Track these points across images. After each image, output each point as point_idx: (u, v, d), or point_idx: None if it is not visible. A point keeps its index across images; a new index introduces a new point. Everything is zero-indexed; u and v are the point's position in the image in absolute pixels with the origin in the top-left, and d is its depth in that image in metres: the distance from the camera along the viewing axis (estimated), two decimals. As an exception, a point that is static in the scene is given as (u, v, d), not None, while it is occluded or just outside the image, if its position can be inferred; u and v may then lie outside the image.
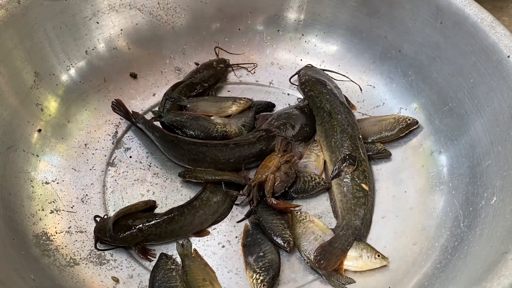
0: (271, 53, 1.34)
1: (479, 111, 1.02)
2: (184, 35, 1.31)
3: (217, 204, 1.04)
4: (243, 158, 1.09)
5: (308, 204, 1.07)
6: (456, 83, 1.09)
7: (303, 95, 1.24)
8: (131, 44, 1.26)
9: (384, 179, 1.11)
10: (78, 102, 1.18)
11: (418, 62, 1.17)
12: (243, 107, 1.20)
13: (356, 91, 1.26)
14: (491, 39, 1.01)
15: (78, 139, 1.15)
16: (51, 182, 1.06)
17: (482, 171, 0.97)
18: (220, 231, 1.03)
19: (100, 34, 1.22)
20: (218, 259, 0.99)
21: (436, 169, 1.08)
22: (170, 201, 1.07)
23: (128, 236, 0.97)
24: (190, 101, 1.20)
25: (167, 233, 0.99)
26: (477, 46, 1.04)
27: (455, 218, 0.97)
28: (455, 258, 0.89)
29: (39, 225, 0.99)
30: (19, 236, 0.93)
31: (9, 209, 0.96)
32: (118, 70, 1.25)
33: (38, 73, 1.11)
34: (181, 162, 1.10)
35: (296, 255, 0.99)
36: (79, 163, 1.11)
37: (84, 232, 1.01)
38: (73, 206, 1.05)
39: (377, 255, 0.96)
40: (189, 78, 1.25)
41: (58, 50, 1.15)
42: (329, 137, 1.12)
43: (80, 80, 1.19)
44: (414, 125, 1.14)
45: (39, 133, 1.09)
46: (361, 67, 1.28)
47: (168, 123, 1.12)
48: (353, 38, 1.28)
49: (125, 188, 1.09)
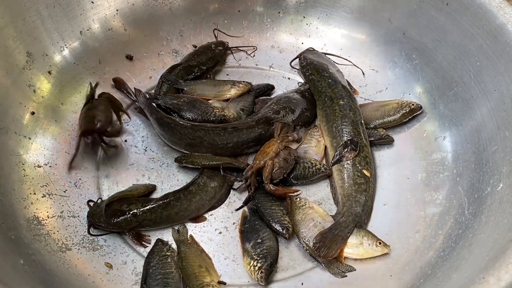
0: (271, 36, 1.30)
1: (486, 95, 0.99)
2: (181, 16, 1.27)
3: (214, 189, 1.01)
4: (241, 142, 1.05)
5: (308, 190, 1.04)
6: (462, 66, 1.05)
7: (304, 79, 1.21)
8: (127, 25, 1.23)
9: (386, 165, 1.08)
10: (72, 84, 1.15)
11: (423, 45, 1.14)
12: (242, 91, 1.16)
13: (359, 76, 1.23)
14: (499, 20, 0.97)
15: (71, 121, 1.11)
16: (43, 166, 1.03)
17: (488, 157, 0.94)
18: (217, 217, 1.00)
19: (95, 14, 1.18)
20: (215, 245, 0.96)
21: (440, 155, 1.05)
22: (166, 186, 1.04)
23: (122, 221, 0.94)
24: (187, 84, 1.17)
25: (163, 218, 0.96)
26: (485, 28, 1.00)
27: (460, 205, 0.94)
28: (459, 246, 0.86)
29: (31, 209, 0.95)
30: (9, 220, 0.90)
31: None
32: (114, 51, 1.21)
33: (30, 53, 1.08)
34: (177, 146, 1.07)
35: (295, 242, 0.97)
36: (73, 146, 1.07)
37: (77, 217, 0.98)
38: (66, 190, 1.02)
39: (378, 242, 0.93)
40: (187, 60, 1.22)
41: (52, 30, 1.12)
42: (330, 122, 1.09)
43: (74, 62, 1.16)
44: (418, 110, 1.11)
45: (32, 115, 1.06)
46: (364, 50, 1.24)
47: (164, 106, 1.09)
48: (356, 21, 1.24)
49: (119, 173, 1.06)
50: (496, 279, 0.68)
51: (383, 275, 0.90)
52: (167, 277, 0.89)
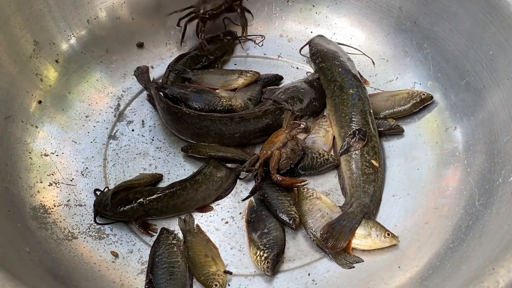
0: (280, 24, 1.28)
1: (498, 85, 0.97)
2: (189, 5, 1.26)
3: (220, 179, 1.00)
4: (249, 132, 1.04)
5: (315, 181, 1.03)
6: (474, 56, 1.03)
7: (314, 66, 1.19)
8: (135, 14, 1.22)
9: (396, 156, 1.06)
10: (80, 73, 1.14)
11: (434, 34, 1.11)
12: (250, 80, 1.15)
13: (369, 65, 1.21)
14: (513, 7, 0.95)
15: (79, 110, 1.11)
16: (50, 154, 1.03)
17: (500, 147, 0.92)
18: (223, 207, 1.00)
19: (103, 2, 1.17)
20: (221, 235, 0.96)
21: (450, 146, 1.03)
22: (173, 175, 1.04)
23: (129, 210, 0.94)
24: (194, 73, 1.16)
25: (169, 208, 0.96)
26: (498, 16, 0.98)
27: (470, 196, 0.92)
28: (469, 238, 0.84)
29: (37, 197, 0.95)
30: (15, 208, 0.90)
31: (6, 180, 0.93)
32: (121, 41, 1.20)
33: (37, 42, 1.08)
34: (184, 136, 1.06)
35: (302, 232, 0.96)
36: (80, 136, 1.08)
37: (84, 206, 0.98)
38: (73, 179, 1.01)
39: (386, 233, 0.91)
40: (194, 49, 1.21)
41: (59, 18, 1.11)
42: (339, 112, 1.07)
43: (81, 51, 1.15)
44: (428, 100, 1.09)
45: (39, 104, 1.06)
46: (374, 39, 1.22)
47: (171, 95, 1.08)
48: (367, 9, 1.22)
49: (126, 162, 1.05)
50: (507, 270, 0.67)
51: (391, 266, 0.89)
52: (173, 266, 0.88)
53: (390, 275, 0.87)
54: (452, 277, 0.77)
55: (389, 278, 0.87)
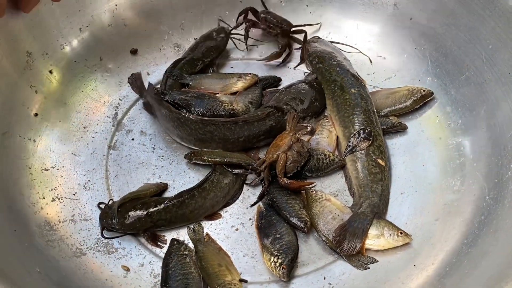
0: (274, 25, 1.27)
1: (500, 79, 0.98)
2: (182, 9, 1.24)
3: (227, 185, 0.99)
4: (252, 136, 1.03)
5: (322, 182, 1.02)
6: (473, 50, 1.04)
7: (311, 68, 1.18)
8: (127, 20, 1.19)
9: (400, 153, 1.06)
10: (74, 83, 1.11)
11: (432, 30, 1.12)
12: (249, 83, 1.13)
13: (366, 63, 1.21)
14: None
15: (76, 122, 1.08)
16: (50, 169, 1.00)
17: (506, 141, 0.93)
18: (232, 213, 0.98)
19: (94, 10, 1.15)
20: (232, 242, 0.94)
21: (454, 141, 1.03)
22: (178, 184, 1.02)
23: (136, 222, 0.92)
24: (192, 78, 1.14)
25: (178, 217, 0.94)
26: (497, 10, 0.99)
27: (479, 191, 0.93)
28: (484, 233, 0.85)
29: (41, 214, 0.93)
30: (21, 227, 0.87)
31: (8, 199, 0.90)
32: (115, 48, 1.18)
33: (30, 53, 1.04)
34: (187, 142, 1.05)
35: (313, 235, 0.95)
36: (79, 147, 1.05)
37: (89, 220, 0.95)
38: (76, 193, 0.99)
39: (399, 232, 0.91)
40: (189, 53, 1.19)
41: (51, 27, 1.08)
42: (342, 112, 1.07)
43: (75, 60, 1.12)
44: (429, 96, 1.09)
45: (35, 117, 1.02)
46: (370, 37, 1.22)
47: (172, 101, 1.06)
48: (361, 7, 1.22)
49: (129, 172, 1.03)
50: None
51: (406, 265, 0.88)
52: (187, 278, 0.86)
53: (407, 274, 0.87)
54: (472, 274, 0.77)
55: (405, 277, 0.87)
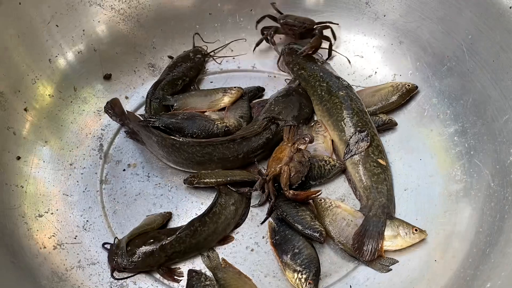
0: (247, 35, 1.25)
1: (484, 67, 1.00)
2: (151, 27, 1.19)
3: (235, 205, 0.96)
4: (251, 151, 1.01)
5: (327, 189, 1.02)
6: (452, 41, 1.06)
7: (293, 75, 1.17)
8: (96, 45, 1.13)
9: (395, 150, 1.07)
10: (52, 118, 1.05)
11: (407, 24, 1.14)
12: (236, 97, 1.11)
13: (344, 64, 1.21)
14: (488, -8, 0.99)
15: (61, 159, 1.01)
16: (44, 214, 0.93)
17: (501, 127, 0.95)
18: (244, 234, 0.95)
19: (62, 38, 1.08)
20: (251, 264, 0.91)
21: (446, 132, 1.05)
22: (181, 211, 0.98)
23: (150, 258, 0.87)
24: (176, 99, 1.10)
25: (192, 247, 0.90)
26: (472, 1, 1.01)
27: (482, 178, 0.95)
28: (498, 219, 0.87)
29: (46, 265, 0.86)
30: (29, 282, 0.80)
31: (9, 254, 0.82)
32: (88, 75, 1.12)
33: (2, 93, 0.96)
34: (184, 167, 1.01)
35: (329, 245, 0.94)
36: (69, 187, 0.98)
37: (97, 263, 0.89)
38: (76, 236, 0.92)
39: (414, 230, 0.92)
40: (168, 73, 1.14)
41: (20, 62, 1.00)
42: (334, 116, 1.06)
43: (49, 94, 1.05)
44: (414, 90, 1.11)
45: (18, 160, 0.95)
46: (345, 37, 1.22)
47: (163, 126, 1.01)
48: (332, 8, 1.22)
49: (127, 206, 0.98)
50: None
51: (428, 262, 0.89)
52: (216, 309, 0.83)
53: (430, 271, 0.88)
54: (500, 264, 0.78)
55: (430, 273, 0.87)
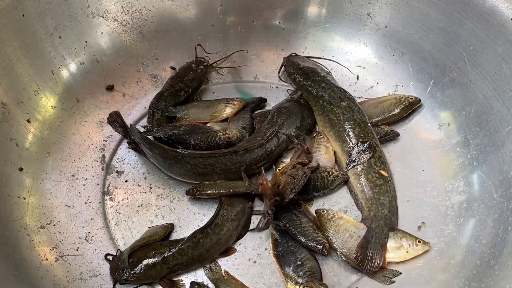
0: (249, 46, 1.25)
1: (486, 78, 1.01)
2: (154, 39, 1.20)
3: (237, 216, 0.96)
4: (254, 162, 1.00)
5: (329, 200, 1.02)
6: (454, 52, 1.07)
7: (295, 86, 1.17)
8: (99, 56, 1.13)
9: (397, 160, 1.07)
10: (54, 129, 1.05)
11: (409, 36, 1.14)
12: (238, 108, 1.11)
13: (346, 74, 1.21)
14: (488, 3, 0.99)
15: (63, 171, 1.01)
16: (46, 226, 0.93)
17: (504, 138, 0.95)
18: (247, 246, 0.95)
19: (65, 49, 1.08)
20: (253, 276, 0.91)
21: (449, 143, 1.05)
22: (183, 222, 0.97)
23: (152, 270, 0.87)
24: (178, 109, 1.10)
25: (194, 259, 0.89)
26: (473, 13, 1.02)
27: (485, 189, 0.95)
28: (502, 231, 0.86)
29: (48, 278, 0.85)
30: (31, 296, 0.80)
31: (11, 267, 0.82)
32: (90, 87, 1.12)
33: (5, 104, 0.96)
34: (186, 178, 1.00)
35: (332, 257, 0.93)
36: (72, 198, 0.98)
37: (99, 276, 0.89)
38: (78, 248, 0.92)
39: (417, 241, 0.92)
40: (170, 84, 1.14)
41: (23, 74, 1.00)
42: (336, 127, 1.06)
43: (51, 105, 1.05)
44: (417, 103, 1.11)
45: (20, 172, 0.95)
46: (347, 48, 1.23)
47: (166, 138, 1.01)
48: (334, 20, 1.22)
49: (130, 217, 0.97)
50: None
51: (431, 273, 0.89)
52: (219, 321, 0.83)
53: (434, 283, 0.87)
54: (505, 276, 0.78)
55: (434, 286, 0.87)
